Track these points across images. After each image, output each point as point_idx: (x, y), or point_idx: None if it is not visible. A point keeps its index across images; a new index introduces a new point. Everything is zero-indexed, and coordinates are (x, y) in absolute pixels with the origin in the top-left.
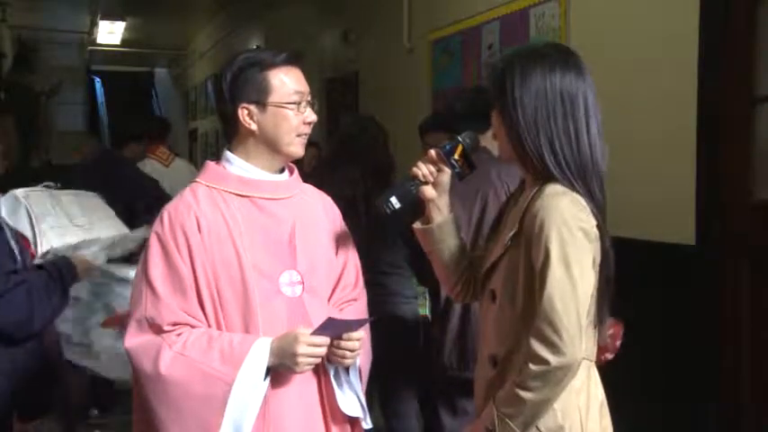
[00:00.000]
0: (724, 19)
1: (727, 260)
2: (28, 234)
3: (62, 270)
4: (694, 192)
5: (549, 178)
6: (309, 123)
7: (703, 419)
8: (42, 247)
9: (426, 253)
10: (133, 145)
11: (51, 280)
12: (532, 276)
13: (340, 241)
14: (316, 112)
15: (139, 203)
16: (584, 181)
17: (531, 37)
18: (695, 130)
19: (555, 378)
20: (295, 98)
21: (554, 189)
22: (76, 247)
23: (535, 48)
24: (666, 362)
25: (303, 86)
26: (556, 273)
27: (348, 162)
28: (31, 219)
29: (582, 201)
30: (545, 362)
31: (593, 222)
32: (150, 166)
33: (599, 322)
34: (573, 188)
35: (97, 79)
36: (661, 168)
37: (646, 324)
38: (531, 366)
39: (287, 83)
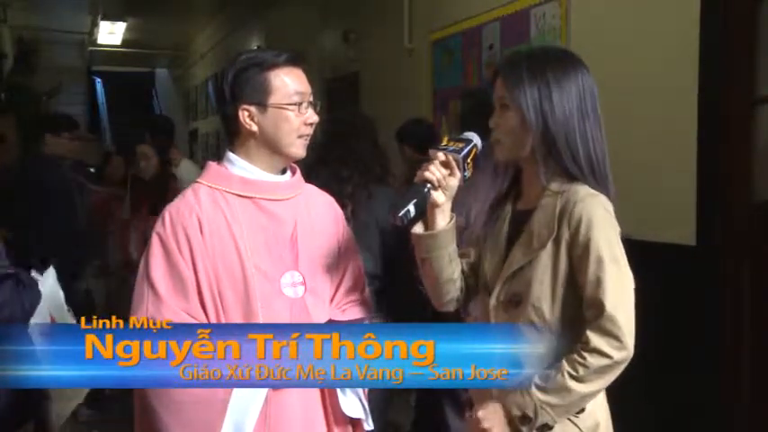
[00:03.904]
0: (724, 19)
1: (727, 260)
2: None
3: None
4: (694, 192)
5: (570, 179)
6: (311, 124)
7: (703, 419)
8: None
9: (420, 260)
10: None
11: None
12: (573, 278)
13: (342, 242)
14: (318, 113)
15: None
16: (605, 180)
17: (531, 37)
18: (695, 131)
19: (613, 372)
20: (296, 99)
21: (587, 190)
22: None
23: (551, 48)
24: (666, 362)
25: (305, 87)
26: (611, 271)
27: (339, 160)
28: None
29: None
30: (608, 356)
31: None
32: None
33: None
34: (596, 188)
35: (98, 80)
36: (661, 168)
37: (645, 324)
38: (592, 360)
39: (288, 83)
